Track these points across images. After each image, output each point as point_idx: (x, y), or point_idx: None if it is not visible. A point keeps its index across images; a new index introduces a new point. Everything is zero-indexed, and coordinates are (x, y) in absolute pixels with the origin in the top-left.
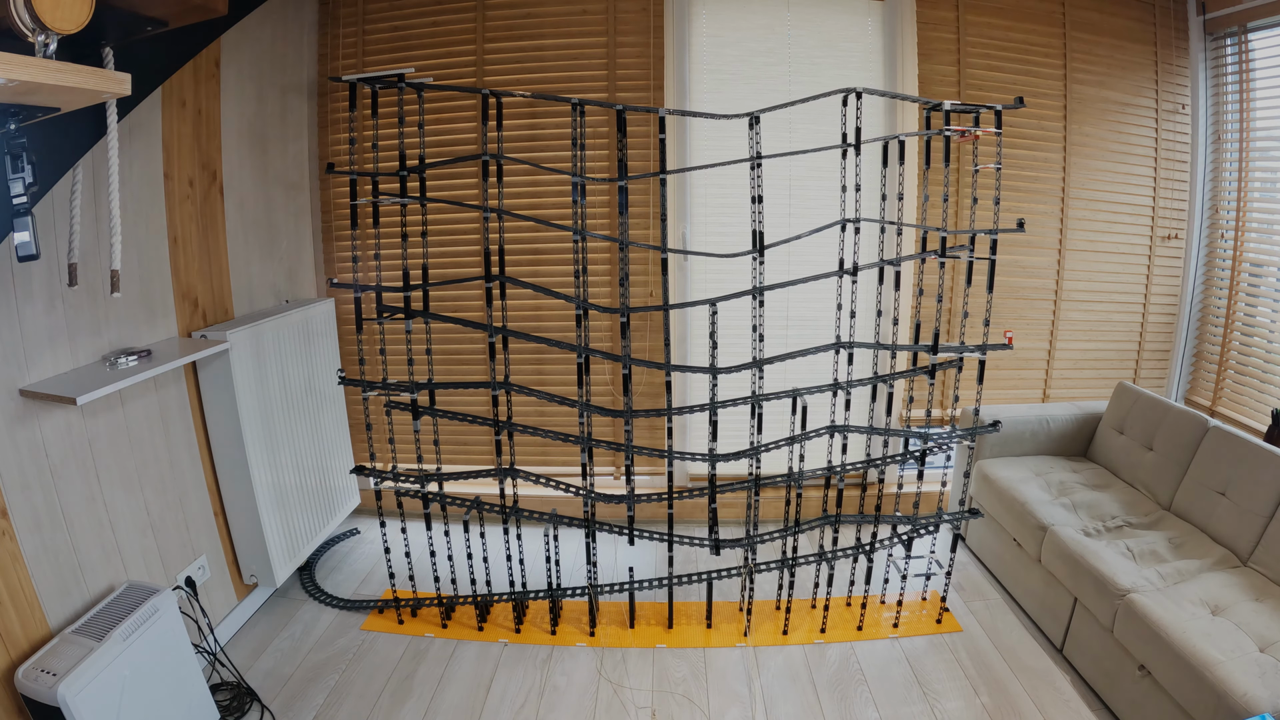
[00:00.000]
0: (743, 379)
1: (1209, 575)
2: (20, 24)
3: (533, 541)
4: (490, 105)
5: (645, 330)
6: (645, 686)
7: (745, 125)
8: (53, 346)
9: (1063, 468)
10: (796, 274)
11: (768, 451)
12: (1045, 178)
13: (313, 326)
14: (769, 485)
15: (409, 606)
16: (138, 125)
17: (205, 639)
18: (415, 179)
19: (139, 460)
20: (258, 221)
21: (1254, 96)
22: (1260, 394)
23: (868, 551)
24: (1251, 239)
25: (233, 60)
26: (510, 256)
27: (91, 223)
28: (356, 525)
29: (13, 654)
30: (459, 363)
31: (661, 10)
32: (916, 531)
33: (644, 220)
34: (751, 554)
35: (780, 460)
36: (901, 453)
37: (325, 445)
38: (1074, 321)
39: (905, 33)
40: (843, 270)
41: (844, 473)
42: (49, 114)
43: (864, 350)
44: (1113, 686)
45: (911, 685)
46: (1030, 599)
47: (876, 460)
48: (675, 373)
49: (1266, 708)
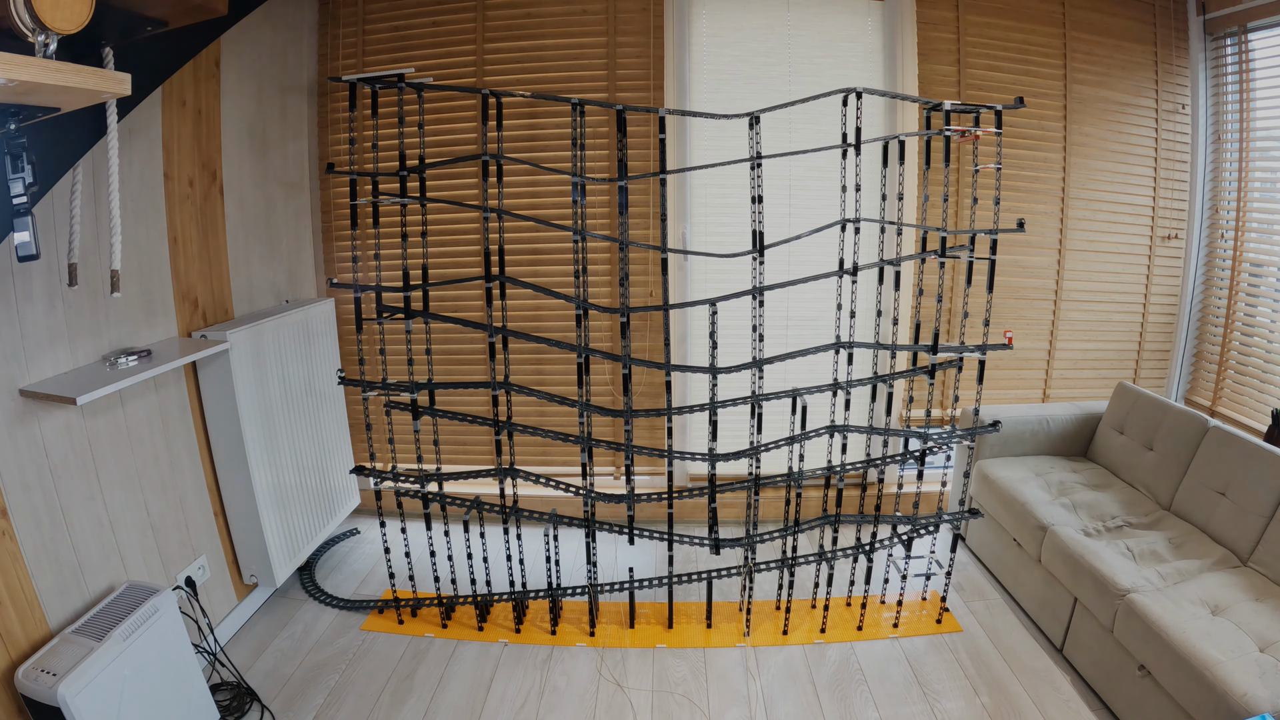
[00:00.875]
0: (743, 379)
1: (1209, 575)
2: (20, 24)
3: (533, 541)
4: (490, 105)
5: (645, 330)
6: (645, 686)
7: (745, 125)
8: (53, 346)
9: (1063, 468)
10: (796, 274)
11: (767, 451)
12: (1045, 178)
13: (313, 326)
14: (769, 485)
15: (409, 606)
16: (138, 125)
17: (205, 639)
18: (415, 179)
19: (139, 460)
20: (258, 221)
21: (1254, 96)
22: (1260, 394)
23: (867, 551)
24: (1251, 239)
25: (233, 60)
26: (510, 256)
27: (91, 223)
28: (356, 525)
29: (13, 654)
30: (459, 363)
31: (661, 10)
32: (916, 531)
33: (644, 220)
34: (751, 554)
35: (780, 460)
36: (901, 453)
37: (325, 445)
38: (1074, 321)
39: (905, 33)
40: (843, 270)
41: (844, 473)
42: (49, 114)
43: (863, 350)
44: (1113, 686)
45: (911, 685)
46: (1030, 599)
47: (876, 460)
48: (675, 373)
49: (1266, 708)
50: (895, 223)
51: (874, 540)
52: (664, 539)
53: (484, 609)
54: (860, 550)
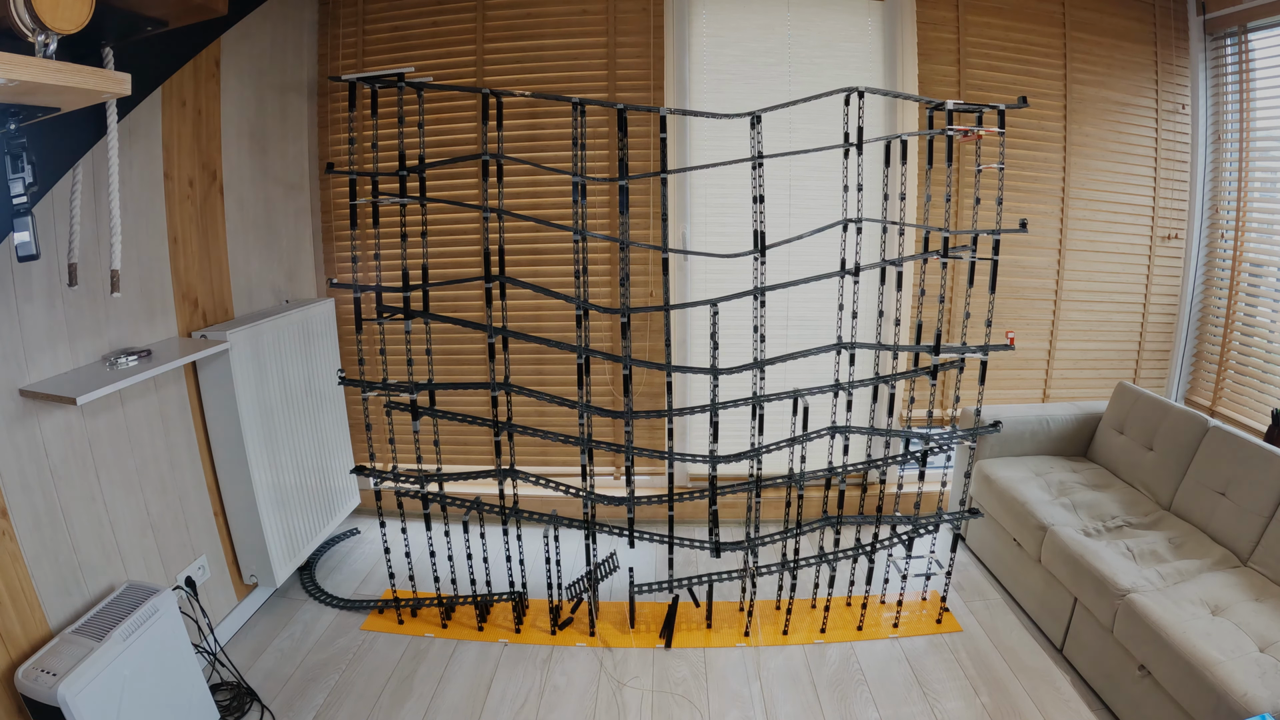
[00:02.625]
0: (743, 379)
1: (1209, 575)
2: (20, 24)
3: (533, 542)
4: (490, 105)
5: (645, 330)
6: (646, 686)
7: (746, 125)
8: (53, 346)
9: (1063, 468)
10: (797, 274)
11: (769, 453)
12: (1045, 178)
13: (313, 326)
14: (769, 486)
15: (409, 606)
16: (138, 125)
17: (205, 639)
18: (415, 179)
19: (139, 460)
20: (258, 221)
21: (1254, 96)
22: (1260, 394)
23: (868, 552)
24: (1251, 239)
25: (233, 60)
26: (510, 256)
27: (91, 223)
28: (356, 525)
29: (13, 654)
30: (459, 363)
31: (661, 10)
32: (917, 531)
33: (644, 220)
34: (753, 556)
35: (781, 461)
36: (902, 453)
37: (325, 445)
38: (1074, 321)
39: (905, 33)
40: (844, 270)
41: (845, 474)
42: (49, 114)
43: (864, 351)
44: (1113, 686)
45: (911, 685)
46: (1030, 599)
47: (877, 461)
48: (676, 373)
49: (1266, 708)
50: (897, 223)
51: (875, 541)
52: (664, 541)
53: (484, 609)
54: (860, 551)
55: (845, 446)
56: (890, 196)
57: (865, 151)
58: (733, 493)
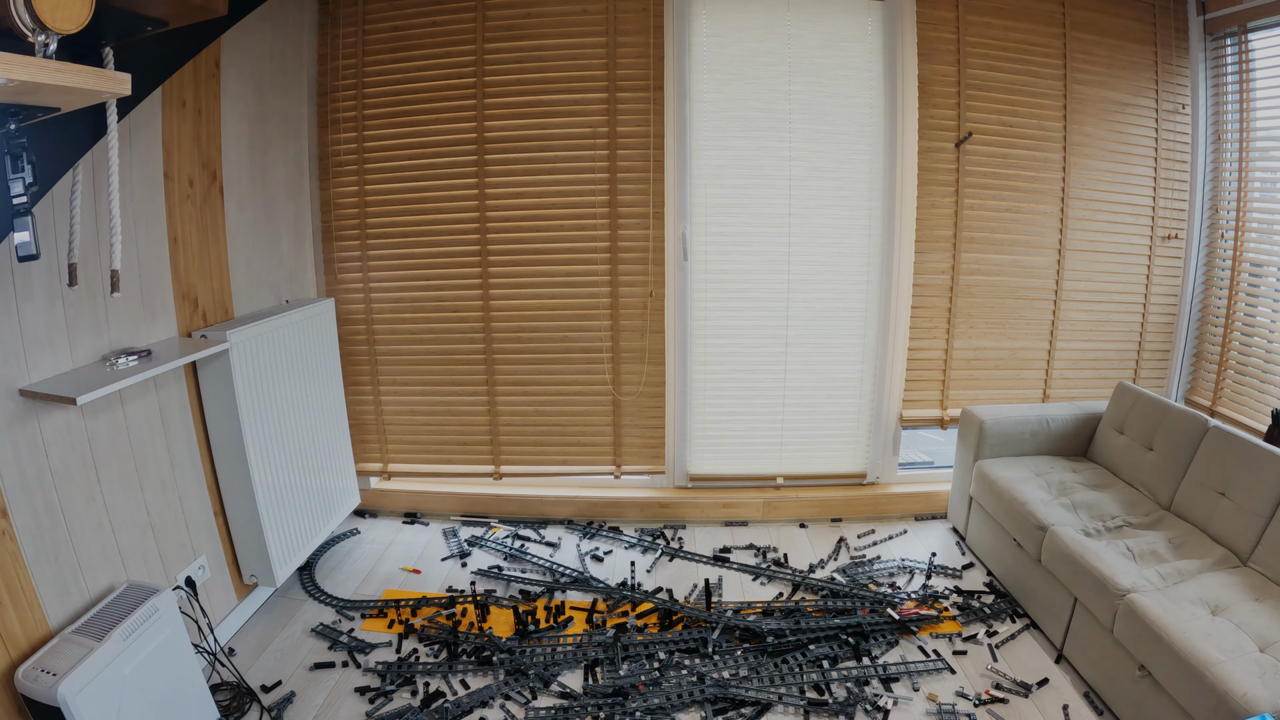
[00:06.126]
0: (744, 378)
1: (1209, 575)
2: (20, 24)
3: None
4: (490, 104)
5: (646, 331)
6: None
7: (745, 126)
8: (53, 346)
9: (1063, 468)
10: (796, 273)
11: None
12: (1045, 178)
13: (313, 326)
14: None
15: (409, 606)
16: (138, 125)
17: (205, 639)
18: (414, 179)
19: (139, 460)
20: (258, 221)
21: (1254, 96)
22: (1260, 394)
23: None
24: (1251, 239)
25: (233, 60)
26: (509, 256)
27: (91, 223)
28: (356, 525)
29: (13, 654)
30: (457, 363)
31: (661, 10)
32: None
33: (644, 220)
34: None
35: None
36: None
37: (325, 445)
38: (1074, 321)
39: (905, 33)
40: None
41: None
42: (49, 114)
43: (858, 345)
44: (1113, 686)
45: None
46: (1030, 599)
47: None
48: (674, 373)
49: (1266, 708)
50: (896, 223)
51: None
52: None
53: (484, 609)
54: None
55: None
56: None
57: (866, 152)
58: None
